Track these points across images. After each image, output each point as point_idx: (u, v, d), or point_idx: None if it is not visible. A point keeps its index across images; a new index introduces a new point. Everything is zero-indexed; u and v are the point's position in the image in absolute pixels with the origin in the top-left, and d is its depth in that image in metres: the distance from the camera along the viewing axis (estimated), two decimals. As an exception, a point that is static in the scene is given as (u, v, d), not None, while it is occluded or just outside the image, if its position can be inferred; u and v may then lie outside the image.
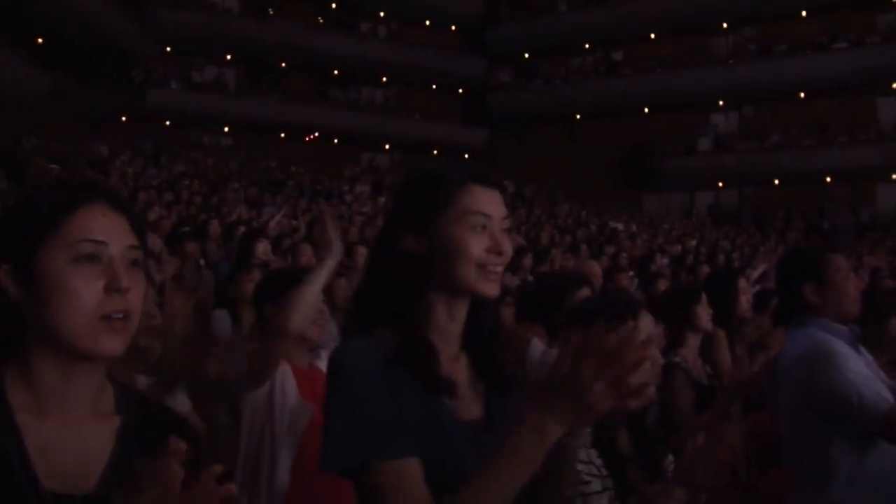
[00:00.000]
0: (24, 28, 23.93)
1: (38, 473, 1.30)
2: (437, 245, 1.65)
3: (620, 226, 21.02)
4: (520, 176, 30.78)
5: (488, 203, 1.67)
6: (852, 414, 2.90)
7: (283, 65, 34.34)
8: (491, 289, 1.66)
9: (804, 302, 3.19)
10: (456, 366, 1.69)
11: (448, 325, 1.69)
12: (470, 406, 1.67)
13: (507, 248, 1.66)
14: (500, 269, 1.66)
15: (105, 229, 1.37)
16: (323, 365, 3.23)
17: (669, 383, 3.75)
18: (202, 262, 8.07)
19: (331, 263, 2.93)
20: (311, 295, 2.88)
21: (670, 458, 2.40)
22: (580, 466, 2.04)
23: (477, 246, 1.63)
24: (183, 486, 1.22)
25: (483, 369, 1.74)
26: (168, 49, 31.63)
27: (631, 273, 9.26)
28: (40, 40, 25.47)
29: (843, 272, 3.21)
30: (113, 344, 1.34)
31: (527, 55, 36.92)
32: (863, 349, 3.22)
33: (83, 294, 1.32)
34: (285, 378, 3.07)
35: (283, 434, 3.01)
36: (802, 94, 30.27)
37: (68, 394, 1.37)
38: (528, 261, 9.11)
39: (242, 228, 8.71)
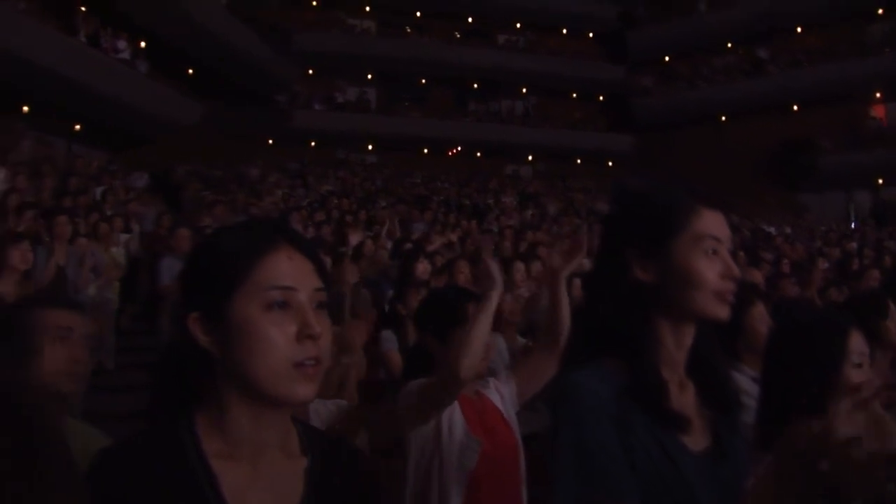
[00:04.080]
0: (176, 61, 25.05)
1: None
2: (669, 272, 1.60)
3: (773, 229, 20.23)
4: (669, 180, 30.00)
5: (718, 226, 1.63)
6: None
7: (423, 81, 34.76)
8: (725, 312, 1.61)
9: None
10: (684, 394, 1.65)
11: (675, 352, 1.65)
12: (699, 435, 1.62)
13: (738, 270, 1.62)
14: (732, 292, 1.61)
15: (293, 274, 1.35)
16: (490, 393, 3.18)
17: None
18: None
19: (495, 299, 2.84)
20: (480, 337, 2.79)
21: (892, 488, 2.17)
22: None
23: (712, 272, 1.59)
24: None
25: (709, 396, 1.68)
26: (310, 72, 32.52)
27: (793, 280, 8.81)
28: (191, 71, 26.58)
29: None
30: (307, 390, 1.33)
31: (667, 58, 36.22)
32: None
33: (277, 342, 1.31)
34: (453, 412, 3.00)
35: (453, 470, 2.94)
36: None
37: (260, 438, 1.37)
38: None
39: (409, 246, 8.77)
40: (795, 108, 31.85)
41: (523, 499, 3.09)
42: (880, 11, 30.84)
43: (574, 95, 36.67)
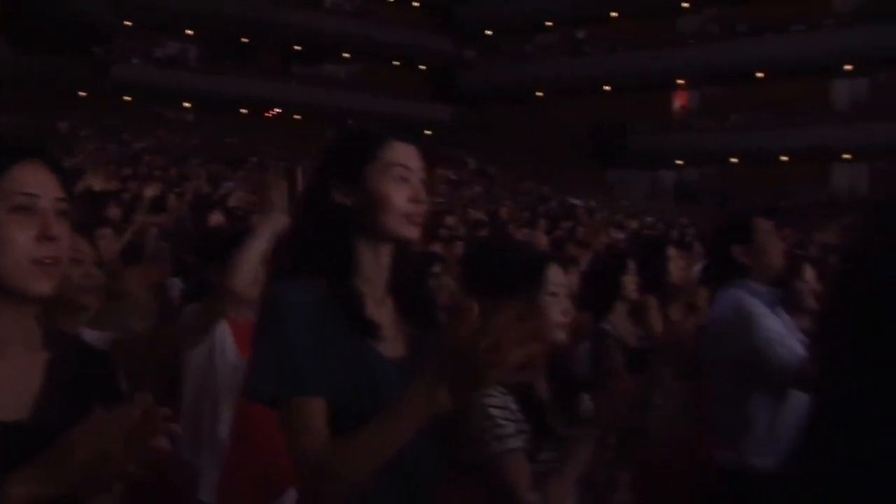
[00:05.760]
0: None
1: None
2: (364, 196, 1.80)
3: (579, 202, 21.21)
4: (484, 153, 30.85)
5: (408, 156, 1.84)
6: (768, 370, 3.05)
7: (246, 40, 34.11)
8: (413, 233, 1.83)
9: (734, 264, 3.32)
10: (381, 309, 1.84)
11: (374, 270, 1.83)
12: (395, 345, 1.82)
13: (426, 196, 1.83)
14: (421, 215, 1.83)
15: (37, 183, 1.53)
16: None
17: (599, 350, 3.87)
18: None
19: (274, 224, 2.97)
20: (253, 255, 2.91)
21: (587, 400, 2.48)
22: (495, 411, 2.20)
23: (401, 196, 1.79)
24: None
25: (408, 311, 1.89)
26: (129, 24, 31.34)
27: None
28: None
29: (769, 235, 3.34)
30: (44, 285, 1.50)
31: (491, 32, 36.96)
32: (781, 310, 3.37)
33: (18, 240, 1.48)
34: (225, 335, 3.17)
35: (224, 390, 3.12)
36: (761, 75, 30.64)
37: (4, 331, 1.52)
38: (484, 234, 9.24)
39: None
40: (608, 89, 33.30)
41: None
42: (687, 5, 32.70)
43: (398, 64, 36.92)
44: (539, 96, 35.13)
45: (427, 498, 1.83)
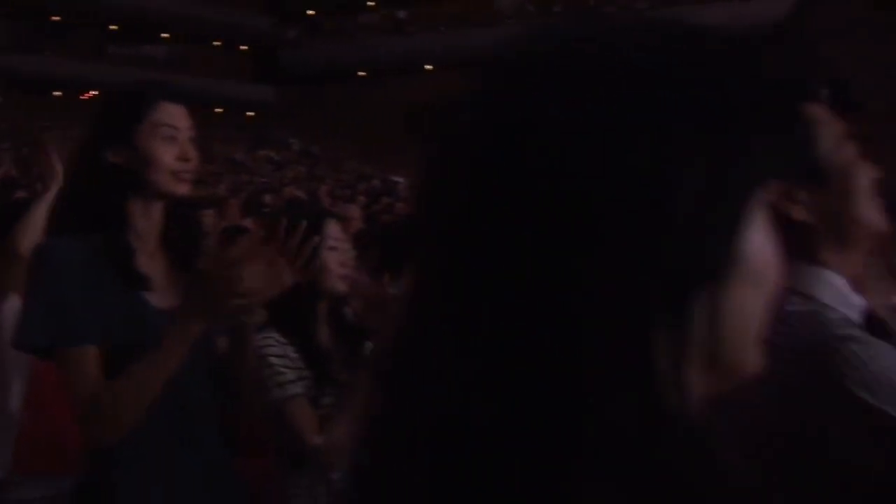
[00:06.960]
0: None
1: None
2: (134, 155, 1.90)
3: (401, 179, 21.58)
4: (308, 133, 30.77)
5: (176, 116, 1.95)
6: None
7: (58, 18, 32.70)
8: (182, 189, 1.95)
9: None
10: (153, 262, 1.98)
11: (145, 225, 1.94)
12: (167, 296, 1.96)
13: (194, 154, 1.98)
14: (189, 172, 1.98)
15: None
16: None
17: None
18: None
19: (53, 189, 3.06)
20: (36, 220, 2.99)
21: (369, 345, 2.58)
22: (275, 360, 2.35)
23: (169, 155, 1.91)
24: None
25: (180, 263, 2.04)
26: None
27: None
28: None
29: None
30: None
31: (313, 12, 36.83)
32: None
33: None
34: (15, 308, 3.05)
35: (15, 363, 3.09)
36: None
37: None
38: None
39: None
40: (430, 68, 33.85)
41: None
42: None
43: (218, 44, 36.23)
44: (362, 76, 35.31)
45: (208, 446, 1.98)
